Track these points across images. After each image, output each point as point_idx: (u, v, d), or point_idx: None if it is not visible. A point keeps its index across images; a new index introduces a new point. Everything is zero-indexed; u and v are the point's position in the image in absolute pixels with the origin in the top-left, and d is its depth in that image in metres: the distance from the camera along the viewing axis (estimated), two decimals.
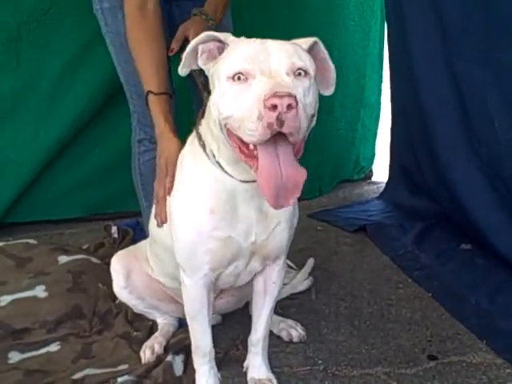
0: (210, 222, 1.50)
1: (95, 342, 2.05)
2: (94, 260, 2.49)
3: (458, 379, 1.79)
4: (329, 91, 1.48)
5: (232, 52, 1.33)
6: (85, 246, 2.85)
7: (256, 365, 1.81)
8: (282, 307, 2.24)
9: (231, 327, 2.15)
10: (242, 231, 1.52)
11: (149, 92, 1.83)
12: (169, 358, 1.88)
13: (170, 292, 2.01)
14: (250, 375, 1.81)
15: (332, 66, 1.45)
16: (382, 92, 3.88)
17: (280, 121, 1.16)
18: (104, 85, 3.08)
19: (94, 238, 3.08)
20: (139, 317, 2.17)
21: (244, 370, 1.85)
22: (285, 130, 1.18)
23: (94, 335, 2.10)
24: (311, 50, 1.40)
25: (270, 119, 1.16)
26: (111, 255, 2.72)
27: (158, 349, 1.94)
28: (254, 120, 1.19)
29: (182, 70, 1.47)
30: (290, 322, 2.10)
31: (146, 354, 1.91)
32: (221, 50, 1.39)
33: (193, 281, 1.61)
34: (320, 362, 1.91)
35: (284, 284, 2.21)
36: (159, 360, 1.88)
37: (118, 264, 2.03)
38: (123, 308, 2.22)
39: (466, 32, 2.50)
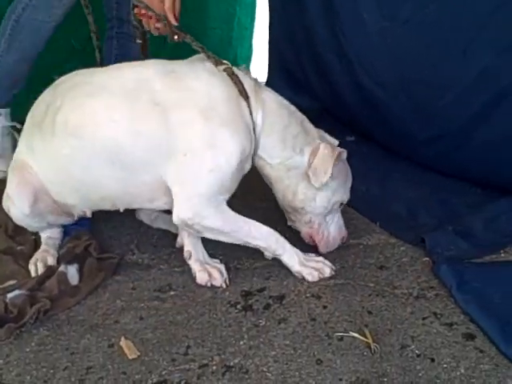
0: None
1: None
2: None
3: (357, 260, 1.85)
4: None
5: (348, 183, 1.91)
6: None
7: None
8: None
9: (123, 233, 2.07)
10: None
11: None
12: (61, 268, 1.76)
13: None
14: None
15: None
16: None
17: None
18: None
19: None
20: (21, 231, 1.99)
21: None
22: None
23: None
24: None
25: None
26: None
27: (52, 261, 1.81)
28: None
29: None
30: None
31: (39, 267, 1.78)
32: None
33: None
34: (221, 257, 1.88)
35: None
36: (51, 271, 1.75)
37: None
38: (2, 223, 2.03)
39: None
